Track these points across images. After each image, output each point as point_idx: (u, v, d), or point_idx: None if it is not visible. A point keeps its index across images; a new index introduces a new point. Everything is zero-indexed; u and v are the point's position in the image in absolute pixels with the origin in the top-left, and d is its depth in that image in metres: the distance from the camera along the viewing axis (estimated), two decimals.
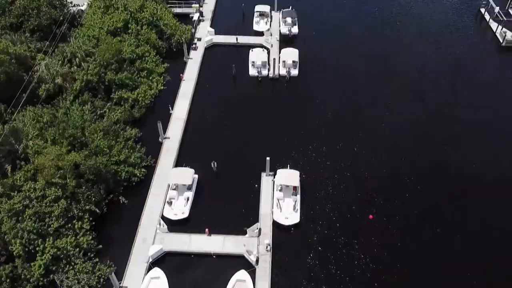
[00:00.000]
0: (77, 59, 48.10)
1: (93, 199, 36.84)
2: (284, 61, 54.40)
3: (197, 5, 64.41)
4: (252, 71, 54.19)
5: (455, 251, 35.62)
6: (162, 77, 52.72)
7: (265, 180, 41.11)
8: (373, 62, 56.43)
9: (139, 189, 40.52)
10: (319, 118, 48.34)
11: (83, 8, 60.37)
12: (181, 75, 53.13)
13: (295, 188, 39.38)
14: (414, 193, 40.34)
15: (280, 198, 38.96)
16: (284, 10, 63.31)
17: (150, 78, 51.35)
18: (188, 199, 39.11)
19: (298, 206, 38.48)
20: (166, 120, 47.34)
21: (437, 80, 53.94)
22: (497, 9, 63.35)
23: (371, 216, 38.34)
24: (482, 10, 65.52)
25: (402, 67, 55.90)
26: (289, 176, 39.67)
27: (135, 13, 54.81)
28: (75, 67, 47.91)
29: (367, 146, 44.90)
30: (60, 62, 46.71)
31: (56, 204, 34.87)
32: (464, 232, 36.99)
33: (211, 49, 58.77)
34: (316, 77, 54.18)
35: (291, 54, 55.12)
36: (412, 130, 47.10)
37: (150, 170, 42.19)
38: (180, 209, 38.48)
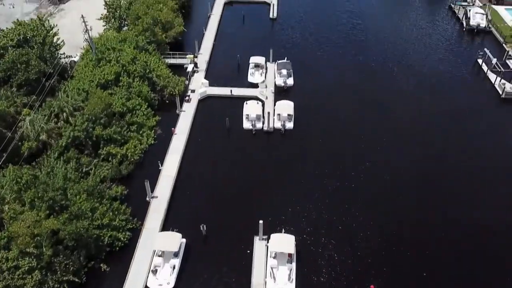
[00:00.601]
0: (64, 114, 46.53)
1: (72, 268, 34.10)
2: (279, 114, 52.93)
3: (192, 56, 63.72)
4: (246, 125, 52.60)
5: None
6: (153, 131, 51.08)
7: (258, 245, 38.46)
8: (370, 113, 54.99)
9: (122, 255, 37.83)
10: (315, 175, 46.24)
11: (75, 59, 59.59)
12: (172, 129, 51.45)
13: (290, 255, 36.68)
14: (415, 258, 37.68)
15: (274, 266, 36.18)
16: (279, 61, 62.60)
17: (141, 132, 49.64)
18: (174, 267, 36.35)
19: (293, 276, 35.67)
20: (155, 177, 45.25)
21: (437, 131, 52.40)
22: (494, 60, 62.72)
23: (372, 287, 35.47)
24: (479, 61, 64.86)
25: (401, 119, 54.43)
26: (284, 242, 37.07)
27: (127, 66, 53.79)
28: (62, 122, 46.28)
29: (366, 207, 42.57)
30: (46, 117, 45.04)
31: (30, 276, 32.11)
32: None
33: (205, 101, 57.46)
34: (312, 130, 52.56)
35: (286, 107, 53.76)
36: (411, 184, 45.21)
37: (136, 233, 39.65)
38: (165, 279, 35.66)
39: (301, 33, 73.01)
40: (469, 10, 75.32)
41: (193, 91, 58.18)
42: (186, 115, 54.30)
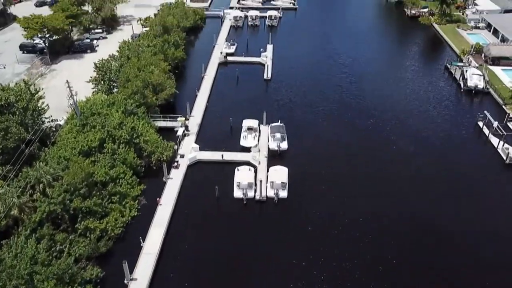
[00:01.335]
0: (41, 185, 43.44)
1: None
2: (272, 182, 49.90)
3: (183, 119, 61.72)
4: (237, 193, 49.42)
5: None
6: (137, 201, 47.83)
7: None
8: (369, 180, 52.03)
9: None
10: (311, 249, 42.51)
11: (61, 122, 57.41)
12: (157, 199, 48.18)
13: None
14: None
15: None
16: (272, 124, 60.45)
17: (123, 203, 46.33)
18: None
19: None
20: (135, 253, 41.51)
21: (438, 198, 49.25)
22: (495, 123, 60.63)
23: None
24: (480, 123, 62.82)
25: (400, 185, 51.47)
26: None
27: (113, 131, 51.40)
28: (38, 194, 43.10)
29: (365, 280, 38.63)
30: (20, 189, 41.93)
31: None
32: None
33: (194, 167, 54.60)
34: (307, 199, 49.35)
35: (280, 174, 50.86)
36: (414, 254, 41.23)
37: None
38: None
39: (295, 94, 71.57)
40: (466, 71, 74.40)
41: (182, 156, 55.51)
42: (173, 182, 51.21)
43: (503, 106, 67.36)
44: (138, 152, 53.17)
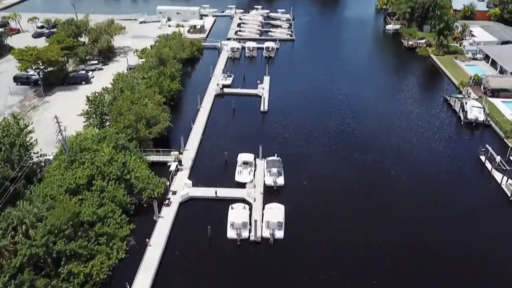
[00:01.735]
0: (23, 226, 41.26)
1: None
2: (267, 222, 47.69)
3: (177, 153, 59.98)
4: (231, 233, 47.12)
5: None
6: (125, 241, 45.51)
7: None
8: (369, 218, 49.87)
9: None
10: None
11: (51, 157, 55.66)
12: (147, 240, 45.86)
13: None
14: None
15: None
16: (269, 159, 58.71)
17: (111, 244, 44.01)
18: None
19: None
20: None
21: (442, 237, 47.06)
22: (498, 158, 58.90)
23: None
24: (482, 158, 61.09)
25: (401, 223, 49.30)
26: None
27: (102, 168, 49.55)
28: (20, 236, 40.86)
29: None
30: (1, 231, 39.74)
31: None
32: None
33: (187, 204, 52.44)
34: (304, 240, 47.03)
35: (276, 213, 48.73)
36: None
37: None
38: None
39: (292, 127, 70.09)
40: (466, 103, 73.25)
41: (174, 193, 53.43)
42: (164, 221, 48.97)
43: (505, 140, 65.83)
44: (129, 189, 51.20)
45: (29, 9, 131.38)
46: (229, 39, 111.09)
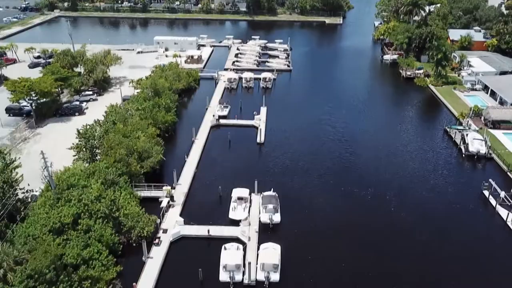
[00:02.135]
0: (1, 270, 38.73)
1: None
2: (262, 263, 45.15)
3: (169, 188, 57.85)
4: (223, 276, 44.49)
5: None
6: (111, 286, 42.80)
7: None
8: (371, 260, 47.29)
9: None
10: None
11: (37, 193, 53.45)
12: (134, 284, 43.21)
13: None
14: None
15: None
16: (264, 194, 56.61)
17: None
18: None
19: None
20: None
21: (445, 280, 44.36)
22: (502, 193, 56.76)
23: None
24: (486, 192, 58.99)
25: (404, 263, 46.80)
26: None
27: (90, 205, 47.33)
28: None
29: None
30: None
31: None
32: None
33: (178, 244, 49.93)
34: (301, 284, 44.38)
35: (272, 254, 46.21)
36: None
37: None
38: None
39: (289, 160, 68.22)
40: (466, 135, 71.68)
41: (165, 231, 51.02)
42: (154, 262, 46.39)
43: (509, 174, 63.88)
44: (117, 227, 48.87)
45: (27, 39, 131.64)
46: (226, 69, 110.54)
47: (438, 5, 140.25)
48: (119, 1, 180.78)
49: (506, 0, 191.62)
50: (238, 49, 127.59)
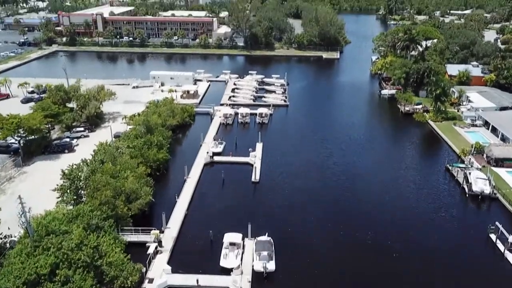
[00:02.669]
0: None
1: None
2: None
3: (157, 232, 54.71)
4: None
5: None
6: None
7: None
8: None
9: None
10: None
11: (16, 238, 50.23)
12: None
13: None
14: None
15: None
16: (258, 239, 53.38)
17: None
18: None
19: None
20: None
21: None
22: (510, 238, 53.57)
23: None
24: (492, 236, 55.79)
25: None
26: None
27: (70, 254, 44.02)
28: None
29: None
30: None
31: None
32: None
33: None
34: None
35: None
36: None
37: None
38: None
39: (285, 200, 65.25)
40: (469, 174, 69.05)
41: (151, 280, 47.56)
42: None
43: None
44: (99, 276, 45.37)
45: (23, 74, 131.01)
46: (222, 104, 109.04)
47: (435, 40, 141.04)
48: (118, 36, 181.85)
49: (501, 35, 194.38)
50: (235, 84, 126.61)
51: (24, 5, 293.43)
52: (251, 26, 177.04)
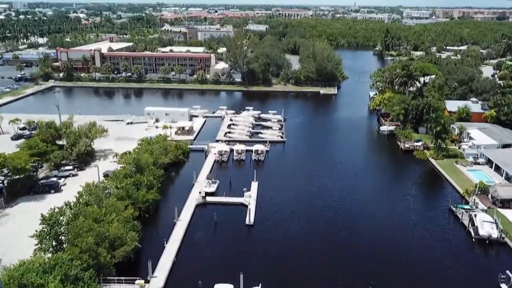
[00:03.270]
0: None
1: None
2: None
3: (142, 282, 50.83)
4: None
5: None
6: None
7: None
8: None
9: None
10: None
11: None
12: None
13: None
14: None
15: None
16: None
17: None
18: None
19: None
20: None
21: None
22: None
23: None
24: (504, 287, 51.76)
25: None
26: None
27: None
28: None
29: None
30: None
31: None
32: None
33: None
34: None
35: None
36: None
37: None
38: None
39: (281, 245, 61.52)
40: (475, 216, 65.58)
41: None
42: None
43: None
44: None
45: (17, 109, 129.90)
46: (217, 141, 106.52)
47: (433, 76, 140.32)
48: (115, 72, 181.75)
49: (498, 71, 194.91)
50: (231, 119, 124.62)
51: (25, 40, 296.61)
52: (248, 62, 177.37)
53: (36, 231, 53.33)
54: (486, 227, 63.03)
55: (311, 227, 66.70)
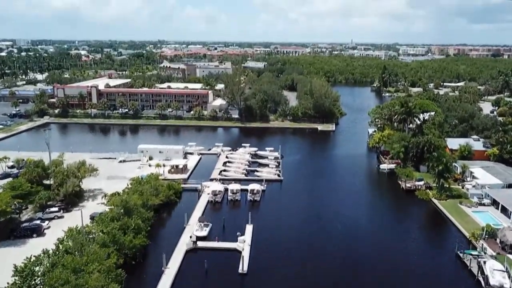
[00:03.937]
0: None
1: None
2: None
3: None
4: None
5: None
6: None
7: None
8: None
9: None
10: None
11: None
12: None
13: None
14: None
15: None
16: None
17: None
18: None
19: None
20: None
21: None
22: None
23: None
24: None
25: None
26: None
27: None
28: None
29: None
30: None
31: None
32: None
33: None
34: None
35: None
36: None
37: None
38: None
39: None
40: (484, 263, 61.31)
41: None
42: None
43: None
44: None
45: (8, 147, 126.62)
46: (212, 179, 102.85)
47: (432, 113, 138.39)
48: (111, 108, 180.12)
49: (497, 107, 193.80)
50: (227, 157, 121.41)
51: (23, 77, 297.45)
52: (246, 99, 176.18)
53: (7, 283, 48.95)
54: (497, 276, 58.62)
55: (309, 277, 62.12)
